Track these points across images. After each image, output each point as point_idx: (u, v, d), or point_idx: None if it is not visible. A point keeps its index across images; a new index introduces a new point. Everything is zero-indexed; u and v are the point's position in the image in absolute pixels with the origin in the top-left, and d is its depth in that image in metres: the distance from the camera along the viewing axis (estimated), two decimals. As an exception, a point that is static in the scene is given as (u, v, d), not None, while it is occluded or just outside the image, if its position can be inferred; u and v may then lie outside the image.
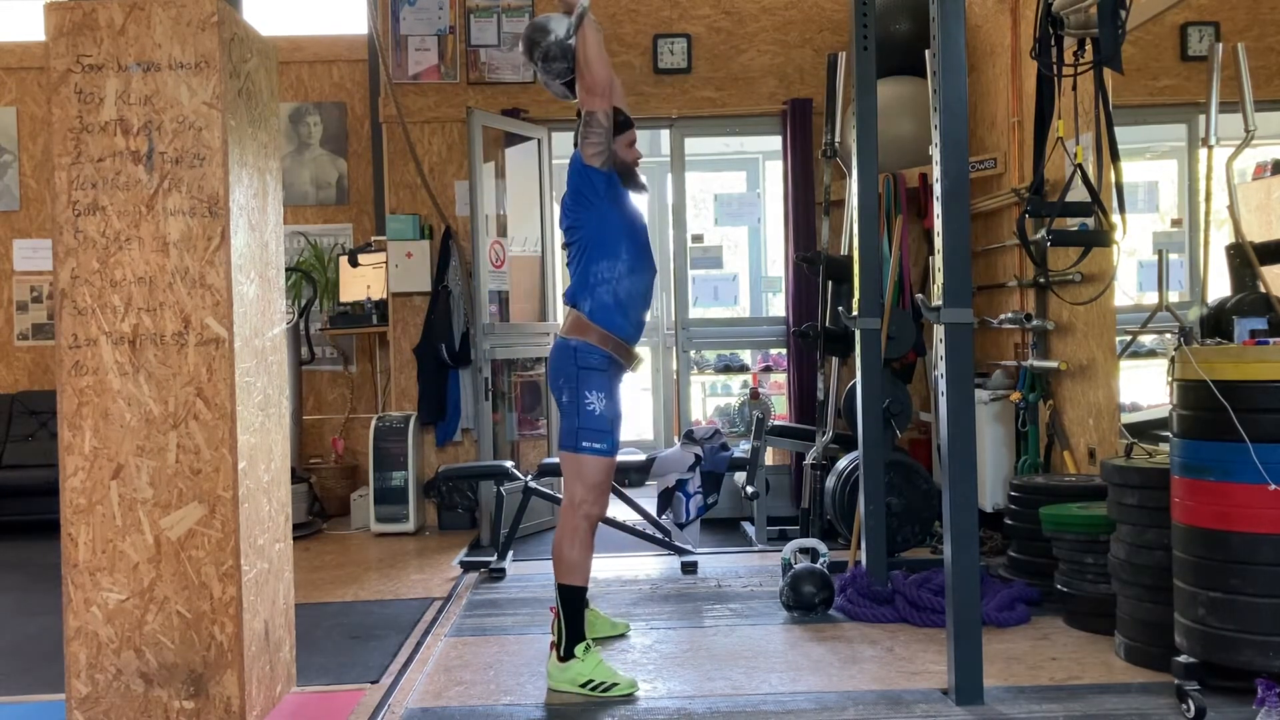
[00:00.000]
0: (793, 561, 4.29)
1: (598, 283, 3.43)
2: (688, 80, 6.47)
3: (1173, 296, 4.08)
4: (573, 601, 3.42)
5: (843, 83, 5.63)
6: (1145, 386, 4.58)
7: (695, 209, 7.77)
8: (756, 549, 5.44)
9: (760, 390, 6.46)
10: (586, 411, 3.40)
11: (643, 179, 3.59)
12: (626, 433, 4.04)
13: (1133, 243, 4.30)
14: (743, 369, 7.52)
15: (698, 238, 6.69)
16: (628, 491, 5.32)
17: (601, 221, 3.45)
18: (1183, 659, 3.05)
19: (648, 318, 3.54)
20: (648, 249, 3.56)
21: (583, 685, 3.33)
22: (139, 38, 2.97)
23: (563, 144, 6.89)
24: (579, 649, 3.37)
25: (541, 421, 6.67)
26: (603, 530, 3.89)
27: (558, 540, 3.45)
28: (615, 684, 3.32)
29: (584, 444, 3.41)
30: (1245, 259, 3.64)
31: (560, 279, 6.65)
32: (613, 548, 5.27)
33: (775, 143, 6.63)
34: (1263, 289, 3.59)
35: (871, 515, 4.30)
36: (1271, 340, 3.00)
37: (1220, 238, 3.86)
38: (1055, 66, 3.78)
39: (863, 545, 4.35)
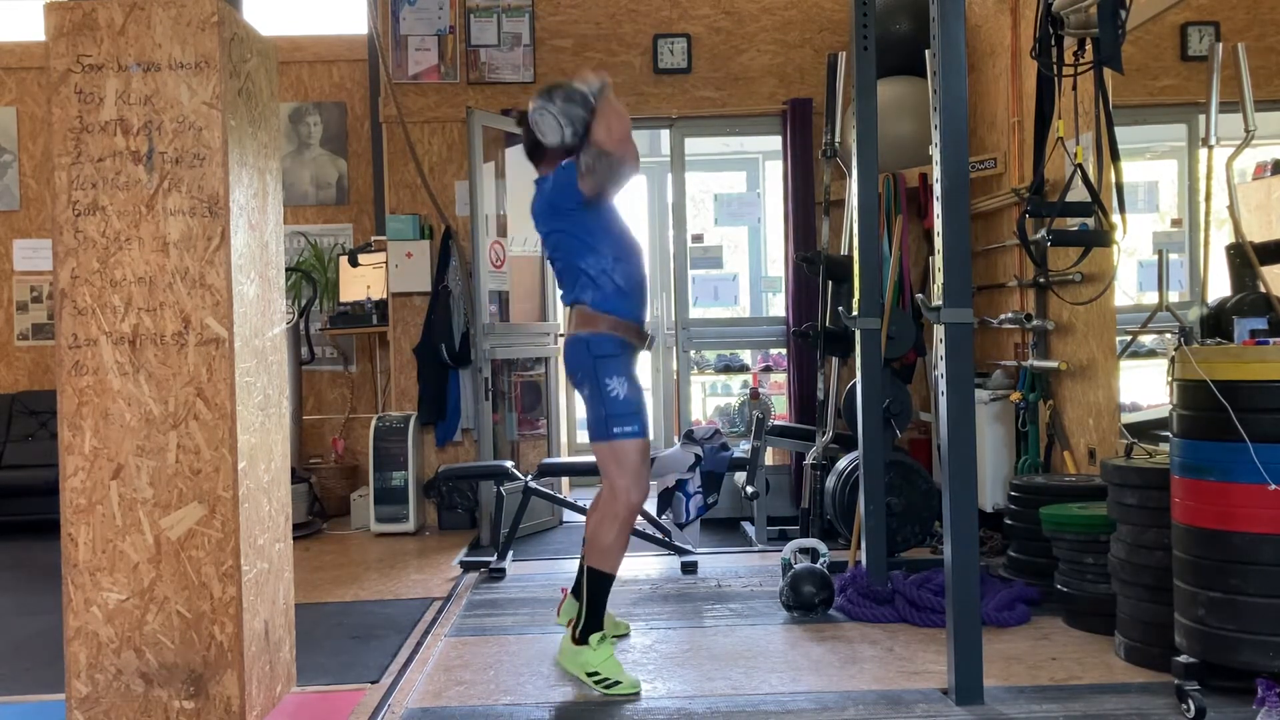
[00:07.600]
0: (793, 561, 4.29)
1: (595, 274, 3.48)
2: (688, 80, 6.47)
3: (1173, 296, 4.08)
4: (599, 586, 3.45)
5: (843, 83, 5.63)
6: (1145, 386, 4.58)
7: (695, 209, 7.76)
8: (756, 549, 5.44)
9: (760, 390, 6.46)
10: (610, 398, 3.43)
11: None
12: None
13: (1133, 243, 4.30)
14: (743, 369, 7.51)
15: (698, 238, 6.68)
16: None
17: (581, 223, 3.50)
18: (1183, 659, 3.04)
19: (649, 299, 3.58)
20: (629, 235, 3.60)
21: (588, 675, 3.35)
22: (139, 38, 2.97)
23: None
24: (594, 638, 3.39)
25: (541, 421, 6.66)
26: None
27: (595, 524, 3.47)
28: (619, 682, 3.32)
29: (615, 430, 3.43)
30: (1245, 259, 3.64)
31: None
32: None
33: (775, 143, 6.63)
34: (1263, 289, 3.60)
35: (871, 515, 4.29)
36: (1271, 340, 3.00)
37: (1220, 238, 3.86)
38: (1055, 66, 3.78)
39: (863, 545, 4.35)
